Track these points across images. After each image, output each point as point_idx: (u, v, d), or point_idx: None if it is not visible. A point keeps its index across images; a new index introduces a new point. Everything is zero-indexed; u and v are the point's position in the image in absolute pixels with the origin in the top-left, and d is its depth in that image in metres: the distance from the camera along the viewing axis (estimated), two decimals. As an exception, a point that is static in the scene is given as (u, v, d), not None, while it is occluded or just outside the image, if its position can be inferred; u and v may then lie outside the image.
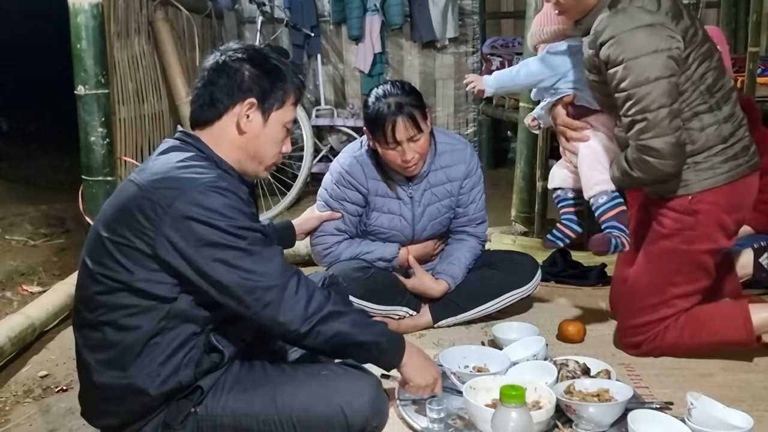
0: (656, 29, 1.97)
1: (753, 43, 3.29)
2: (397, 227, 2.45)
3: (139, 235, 1.52)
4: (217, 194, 1.52)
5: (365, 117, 2.33)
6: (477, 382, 1.82)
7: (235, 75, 1.65)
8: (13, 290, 3.15)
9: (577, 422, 1.74)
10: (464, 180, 2.48)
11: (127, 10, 3.86)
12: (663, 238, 2.16)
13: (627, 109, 2.02)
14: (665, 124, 1.98)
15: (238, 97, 1.64)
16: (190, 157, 1.60)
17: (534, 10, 3.37)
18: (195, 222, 1.50)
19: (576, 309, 2.67)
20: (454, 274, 2.47)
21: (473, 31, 5.99)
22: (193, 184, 1.52)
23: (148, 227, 1.51)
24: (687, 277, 2.15)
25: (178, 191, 1.51)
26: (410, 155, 2.28)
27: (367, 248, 2.45)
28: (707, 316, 2.17)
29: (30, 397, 2.12)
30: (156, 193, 1.52)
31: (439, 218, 2.50)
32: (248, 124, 1.65)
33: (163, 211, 1.50)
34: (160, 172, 1.56)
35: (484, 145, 5.97)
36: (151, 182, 1.54)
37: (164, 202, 1.50)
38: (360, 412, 1.61)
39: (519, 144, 3.58)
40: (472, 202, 2.51)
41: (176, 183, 1.53)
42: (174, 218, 1.49)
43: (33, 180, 5.44)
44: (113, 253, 1.53)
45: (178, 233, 1.50)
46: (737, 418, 1.68)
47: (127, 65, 3.87)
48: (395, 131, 2.25)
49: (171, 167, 1.57)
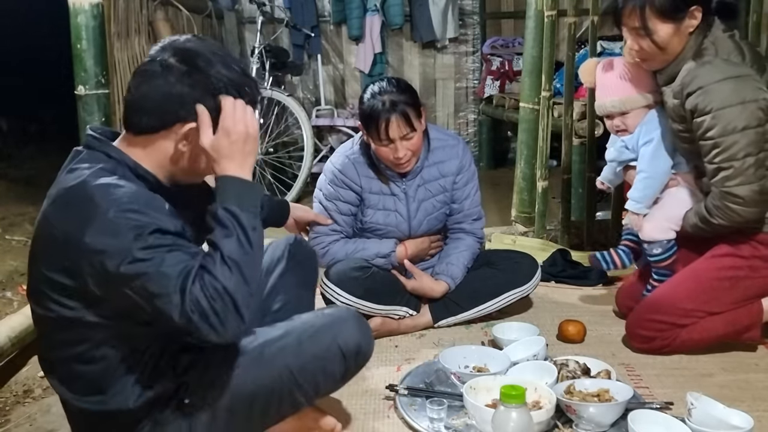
0: (743, 80, 2.02)
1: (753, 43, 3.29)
2: (393, 223, 2.46)
3: (62, 271, 1.40)
4: (125, 219, 1.35)
5: (360, 112, 2.33)
6: (477, 382, 1.82)
7: (172, 90, 1.45)
8: (14, 290, 3.15)
9: (577, 422, 1.74)
10: (457, 175, 2.49)
11: (127, 10, 3.87)
12: (733, 256, 2.17)
13: (713, 157, 2.06)
14: (751, 172, 2.02)
15: (177, 119, 1.47)
16: (97, 171, 1.43)
17: (534, 10, 3.37)
18: (107, 256, 1.34)
19: (576, 309, 2.67)
20: (454, 274, 2.47)
21: (473, 31, 6.00)
22: (99, 210, 1.35)
23: (66, 263, 1.39)
24: (732, 299, 2.18)
25: (85, 222, 1.35)
26: (402, 153, 2.29)
27: (363, 246, 2.44)
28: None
29: (30, 397, 2.12)
30: (65, 225, 1.38)
31: (434, 213, 2.50)
32: (186, 146, 1.49)
33: (75, 247, 1.36)
34: (66, 198, 1.41)
35: (484, 145, 5.98)
36: (59, 212, 1.41)
37: (74, 238, 1.36)
38: (351, 338, 1.60)
39: (519, 144, 3.59)
40: (466, 197, 2.52)
41: (82, 212, 1.37)
42: (87, 253, 1.35)
43: (33, 180, 5.43)
44: (49, 293, 1.43)
45: (94, 268, 1.35)
46: (737, 418, 1.69)
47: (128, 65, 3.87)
48: (388, 129, 2.25)
49: (77, 189, 1.40)
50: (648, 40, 2.11)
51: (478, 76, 6.01)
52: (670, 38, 2.10)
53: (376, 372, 2.16)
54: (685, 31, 2.10)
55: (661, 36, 2.09)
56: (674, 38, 2.10)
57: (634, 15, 2.10)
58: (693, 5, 2.07)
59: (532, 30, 3.40)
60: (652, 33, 2.09)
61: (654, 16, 2.08)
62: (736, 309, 2.19)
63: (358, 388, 2.05)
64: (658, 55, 2.14)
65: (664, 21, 2.08)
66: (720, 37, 2.09)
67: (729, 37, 2.10)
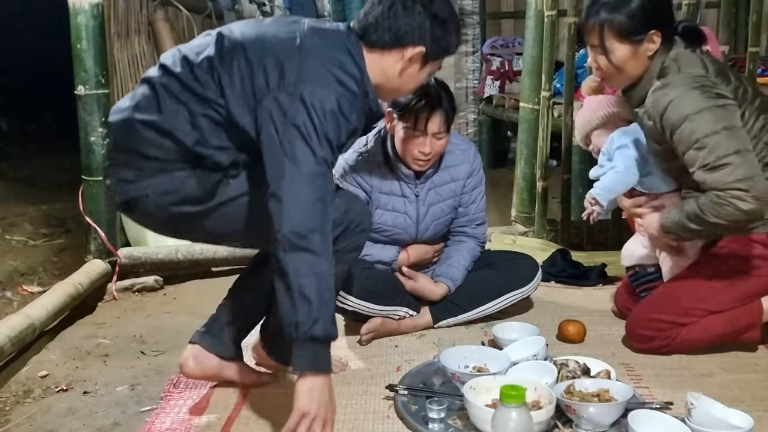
0: (707, 89, 2.02)
1: (753, 43, 3.28)
2: (401, 225, 2.45)
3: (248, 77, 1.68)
4: (336, 101, 1.65)
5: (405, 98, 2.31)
6: (477, 382, 1.82)
7: (415, 18, 1.77)
8: (13, 290, 3.15)
9: (577, 422, 1.74)
10: (467, 179, 2.49)
11: (127, 10, 3.87)
12: (734, 256, 2.17)
13: (704, 159, 1.99)
14: (748, 164, 1.97)
15: (410, 41, 1.79)
16: (346, 58, 1.74)
17: (534, 10, 3.37)
18: (303, 109, 1.63)
19: (576, 309, 2.67)
20: (454, 276, 2.47)
21: (473, 31, 5.99)
22: (326, 80, 1.67)
23: (269, 82, 1.67)
24: (732, 297, 2.18)
25: (315, 78, 1.67)
26: (429, 149, 2.31)
27: (366, 251, 2.41)
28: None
29: (30, 397, 2.12)
30: (298, 64, 1.68)
31: (442, 218, 2.50)
32: (408, 68, 1.81)
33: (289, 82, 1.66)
34: (315, 49, 1.72)
35: (484, 145, 5.97)
36: (305, 50, 1.71)
37: (294, 78, 1.66)
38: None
39: (519, 144, 3.58)
40: (472, 202, 2.52)
41: (318, 71, 1.68)
42: (292, 95, 1.65)
43: (33, 180, 5.44)
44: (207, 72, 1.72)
45: (282, 106, 1.65)
46: (737, 418, 1.68)
47: (128, 65, 3.88)
48: (429, 122, 2.28)
49: (325, 53, 1.72)
50: (605, 58, 2.13)
51: (477, 76, 6.01)
52: (626, 59, 2.11)
53: (376, 372, 2.16)
54: (643, 54, 2.11)
55: (618, 56, 2.11)
56: (631, 60, 2.11)
57: (594, 32, 2.12)
58: (652, 29, 2.09)
59: (532, 30, 3.40)
60: (609, 52, 2.11)
61: (612, 36, 2.09)
62: (735, 308, 2.19)
63: (358, 388, 2.05)
64: (614, 75, 2.16)
65: (622, 42, 2.09)
66: (681, 53, 2.11)
67: (692, 51, 2.12)
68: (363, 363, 2.23)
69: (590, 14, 2.14)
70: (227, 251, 3.26)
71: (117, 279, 3.08)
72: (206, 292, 3.05)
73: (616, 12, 2.08)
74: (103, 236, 3.08)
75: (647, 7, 2.09)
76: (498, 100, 5.52)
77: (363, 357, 2.28)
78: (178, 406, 1.98)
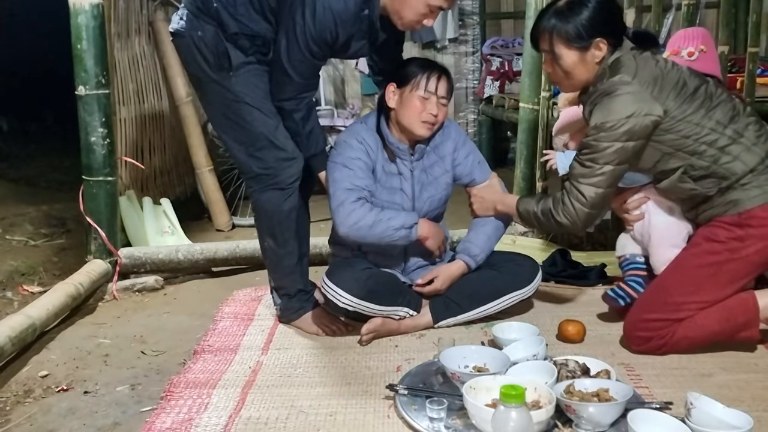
0: (633, 96, 2.13)
1: (753, 44, 3.29)
2: (397, 201, 2.47)
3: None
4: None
5: (409, 63, 2.45)
6: (477, 382, 1.82)
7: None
8: (14, 290, 3.15)
9: (577, 422, 1.75)
10: (454, 153, 2.54)
11: (127, 11, 3.88)
12: (710, 242, 2.20)
13: (581, 153, 2.21)
14: (603, 179, 2.18)
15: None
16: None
17: (534, 10, 3.37)
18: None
19: (576, 309, 2.67)
20: (471, 251, 2.52)
21: (473, 31, 6.00)
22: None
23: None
24: (719, 285, 2.19)
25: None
26: (436, 110, 2.37)
27: (389, 215, 2.38)
28: (718, 306, 2.20)
29: (30, 397, 2.13)
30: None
31: (437, 195, 2.53)
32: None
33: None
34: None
35: (484, 145, 5.97)
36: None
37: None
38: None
39: (519, 144, 3.59)
40: (466, 156, 2.56)
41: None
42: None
43: (33, 180, 5.44)
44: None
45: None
46: (737, 418, 1.69)
47: (128, 65, 3.88)
48: (438, 83, 2.37)
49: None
50: (555, 63, 2.25)
51: (477, 77, 6.02)
52: (574, 65, 2.22)
53: (376, 372, 2.16)
54: (591, 61, 2.22)
55: (566, 62, 2.22)
56: (579, 66, 2.22)
57: (545, 38, 2.25)
58: (598, 37, 2.18)
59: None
60: (558, 58, 2.23)
61: (560, 42, 2.21)
62: (728, 301, 2.19)
63: (358, 388, 2.05)
64: (564, 80, 2.29)
65: (569, 48, 2.21)
66: (615, 60, 2.20)
67: (632, 57, 2.19)
68: (363, 363, 2.24)
69: (542, 21, 2.25)
70: (227, 251, 3.27)
71: (117, 279, 3.08)
72: (206, 292, 3.06)
73: (565, 20, 2.20)
74: (104, 236, 3.09)
75: (594, 16, 2.18)
76: (498, 101, 5.53)
77: (363, 357, 2.28)
78: (178, 406, 1.98)
